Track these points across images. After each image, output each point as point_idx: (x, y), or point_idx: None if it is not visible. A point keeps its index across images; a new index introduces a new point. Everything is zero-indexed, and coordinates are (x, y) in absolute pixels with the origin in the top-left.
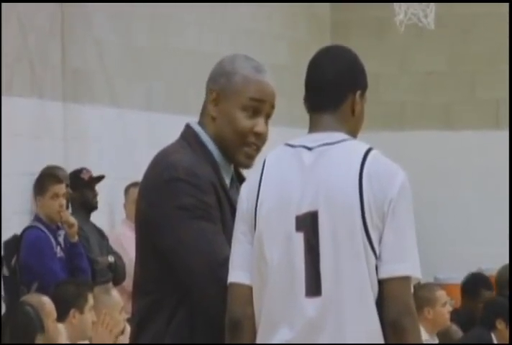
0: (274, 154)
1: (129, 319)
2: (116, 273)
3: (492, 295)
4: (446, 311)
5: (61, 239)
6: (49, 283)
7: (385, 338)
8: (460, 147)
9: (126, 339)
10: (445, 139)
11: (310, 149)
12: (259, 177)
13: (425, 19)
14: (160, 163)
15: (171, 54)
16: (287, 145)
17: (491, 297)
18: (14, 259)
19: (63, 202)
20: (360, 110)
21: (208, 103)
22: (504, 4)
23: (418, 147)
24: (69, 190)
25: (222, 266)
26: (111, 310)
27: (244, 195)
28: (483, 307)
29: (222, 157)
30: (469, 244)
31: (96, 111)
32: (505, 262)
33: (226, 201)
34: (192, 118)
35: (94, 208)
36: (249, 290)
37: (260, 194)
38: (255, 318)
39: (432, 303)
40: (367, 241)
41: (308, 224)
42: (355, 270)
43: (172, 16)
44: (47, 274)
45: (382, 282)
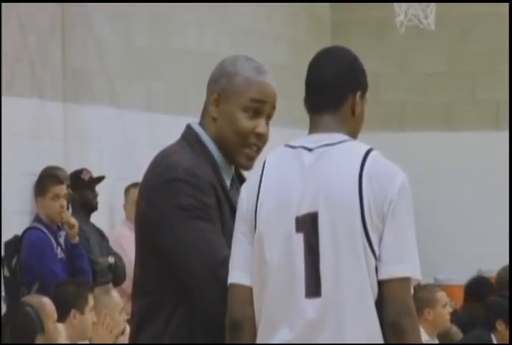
0: (274, 155)
1: (129, 320)
2: (116, 274)
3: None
4: (447, 312)
5: (62, 240)
6: (50, 284)
7: (384, 339)
8: (460, 148)
9: (126, 340)
10: (445, 139)
11: (310, 150)
12: (260, 177)
13: (425, 19)
14: (160, 163)
15: (171, 55)
16: (287, 146)
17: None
18: (15, 259)
19: (64, 203)
20: (360, 111)
21: (209, 103)
22: (504, 4)
23: (418, 148)
24: (69, 190)
25: (221, 266)
26: (111, 310)
27: (244, 196)
28: (483, 308)
29: (223, 158)
30: (469, 244)
31: (96, 111)
32: (506, 263)
33: (225, 202)
34: (192, 119)
35: (94, 208)
36: (249, 290)
37: (260, 195)
38: (255, 319)
39: (432, 304)
40: (367, 242)
41: (308, 225)
42: (355, 271)
43: (172, 16)
44: (48, 275)
45: (382, 283)
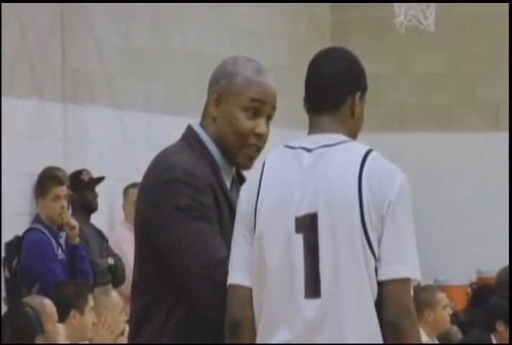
0: (274, 155)
1: (129, 320)
2: (115, 275)
3: None
4: (447, 314)
5: (62, 241)
6: (50, 285)
7: (384, 339)
8: (460, 149)
9: (126, 340)
10: (445, 140)
11: (309, 150)
12: (259, 178)
13: (425, 20)
14: (160, 164)
15: (171, 55)
16: (286, 147)
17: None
18: (15, 260)
19: (64, 204)
20: (360, 112)
21: (210, 104)
22: (504, 4)
23: (418, 149)
24: (69, 191)
25: (218, 267)
26: (111, 311)
27: (244, 197)
28: (483, 309)
29: (223, 158)
30: (469, 245)
31: (96, 112)
32: (505, 264)
33: (224, 202)
34: (192, 119)
35: (94, 209)
36: (248, 291)
37: (260, 195)
38: (255, 319)
39: (433, 306)
40: (367, 243)
41: (308, 226)
42: (354, 272)
43: (172, 16)
44: (48, 275)
45: (381, 284)
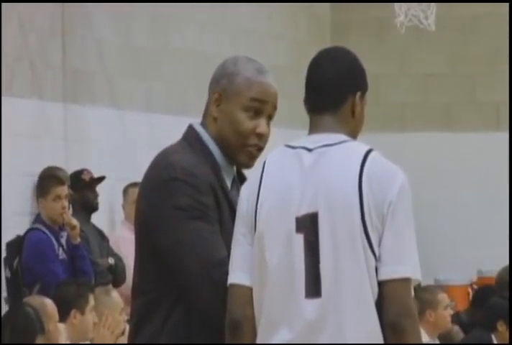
0: (274, 155)
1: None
2: (116, 275)
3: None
4: (448, 314)
5: (63, 241)
6: (51, 285)
7: (384, 339)
8: (460, 149)
9: (126, 340)
10: (445, 140)
11: (310, 150)
12: (260, 178)
13: (425, 20)
14: (160, 163)
15: (171, 55)
16: (287, 146)
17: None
18: (16, 260)
19: (65, 204)
20: (360, 111)
21: (211, 104)
22: (504, 4)
23: (418, 149)
24: (70, 191)
25: (218, 267)
26: (112, 311)
27: (244, 196)
28: (484, 309)
29: (223, 158)
30: (469, 245)
31: (96, 112)
32: (506, 263)
33: (225, 202)
34: (192, 119)
35: (95, 209)
36: (249, 291)
37: (260, 195)
38: (255, 319)
39: (434, 306)
40: (367, 243)
41: (308, 225)
42: (355, 271)
43: (172, 16)
44: (49, 275)
45: (382, 284)
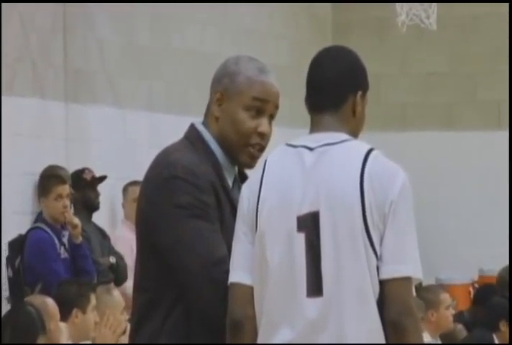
0: (275, 154)
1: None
2: (117, 274)
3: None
4: (450, 314)
5: (65, 240)
6: (52, 284)
7: (386, 338)
8: (461, 148)
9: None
10: (446, 139)
11: (311, 149)
12: (261, 177)
13: (427, 19)
14: (161, 162)
15: (172, 54)
16: (288, 145)
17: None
18: (18, 259)
19: (67, 203)
20: (361, 111)
21: (212, 103)
22: (504, 4)
23: (420, 148)
24: (71, 190)
25: (217, 265)
26: (113, 310)
27: (245, 195)
28: (485, 308)
29: (225, 157)
30: (470, 244)
31: (98, 111)
32: (506, 263)
33: (226, 201)
34: (193, 119)
35: (96, 208)
36: (250, 289)
37: (261, 194)
38: (256, 318)
39: (436, 306)
40: (368, 242)
41: (310, 224)
42: (356, 270)
43: (173, 16)
44: (50, 275)
45: (383, 283)
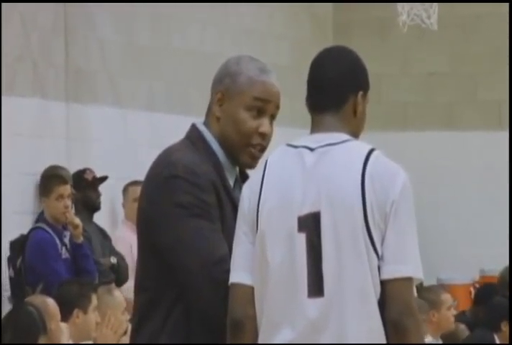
0: (276, 154)
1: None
2: (118, 274)
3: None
4: (451, 314)
5: (67, 240)
6: (53, 284)
7: (387, 338)
8: (462, 148)
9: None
10: (447, 139)
11: (312, 149)
12: (261, 177)
13: (428, 19)
14: (162, 161)
15: (173, 54)
16: (289, 145)
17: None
18: (20, 259)
19: (68, 203)
20: (362, 111)
21: (213, 103)
22: (504, 4)
23: (420, 148)
24: (72, 190)
25: (218, 265)
26: (115, 310)
27: (246, 195)
28: (486, 308)
29: (226, 157)
30: (471, 244)
31: (98, 111)
32: (506, 263)
33: (227, 201)
34: (194, 118)
35: (97, 208)
36: (250, 290)
37: (262, 194)
38: (257, 318)
39: (437, 306)
40: (369, 242)
41: (311, 225)
42: (357, 270)
43: (173, 16)
44: (52, 275)
45: (384, 283)
